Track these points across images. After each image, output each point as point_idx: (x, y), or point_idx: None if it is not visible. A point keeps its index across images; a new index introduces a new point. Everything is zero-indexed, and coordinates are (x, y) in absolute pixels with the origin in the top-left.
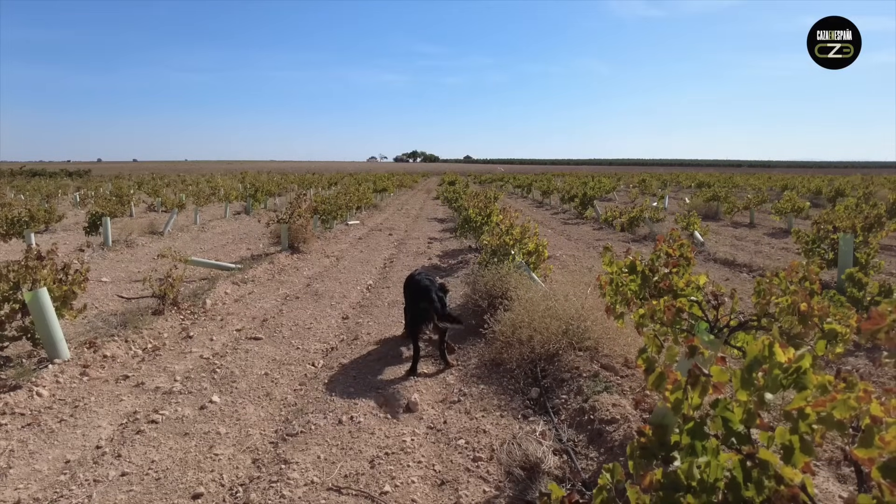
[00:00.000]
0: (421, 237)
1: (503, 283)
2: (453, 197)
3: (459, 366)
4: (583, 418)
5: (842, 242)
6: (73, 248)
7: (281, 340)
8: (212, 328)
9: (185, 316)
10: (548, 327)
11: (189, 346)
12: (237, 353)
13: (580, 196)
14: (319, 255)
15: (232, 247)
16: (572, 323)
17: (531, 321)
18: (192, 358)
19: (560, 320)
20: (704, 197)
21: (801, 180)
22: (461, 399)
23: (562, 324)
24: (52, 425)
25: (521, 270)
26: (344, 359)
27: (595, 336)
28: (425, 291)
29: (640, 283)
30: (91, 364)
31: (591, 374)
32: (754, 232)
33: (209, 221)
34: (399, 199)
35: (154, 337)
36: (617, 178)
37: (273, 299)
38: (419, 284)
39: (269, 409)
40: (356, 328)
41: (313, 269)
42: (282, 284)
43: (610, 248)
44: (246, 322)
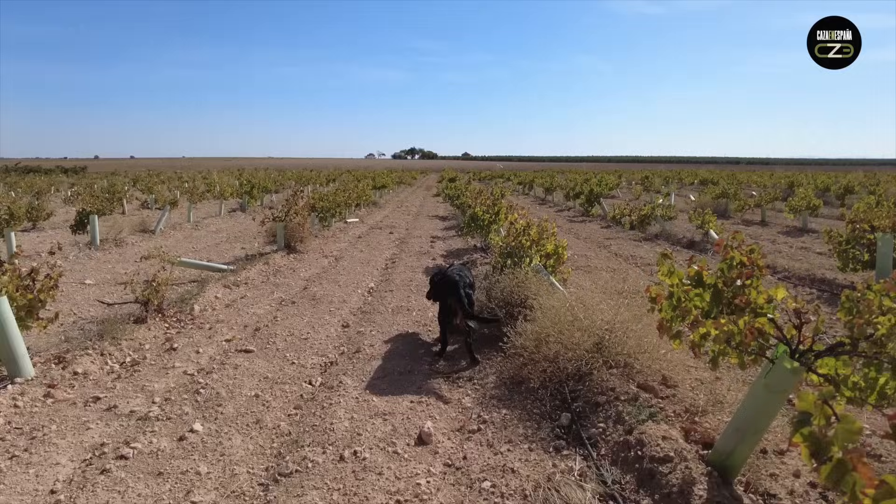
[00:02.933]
0: (423, 235)
1: (522, 290)
2: (455, 194)
3: (476, 384)
4: (628, 454)
5: (880, 243)
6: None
7: (274, 353)
8: (199, 338)
9: (170, 324)
10: (577, 342)
11: (172, 360)
12: (225, 370)
13: (586, 193)
14: (317, 254)
15: (226, 246)
16: (605, 336)
17: (558, 334)
18: (174, 374)
19: (590, 333)
20: (713, 194)
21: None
22: (481, 427)
23: (593, 337)
24: (1, 464)
25: (540, 275)
26: (345, 375)
27: (627, 350)
28: (453, 287)
29: (712, 299)
30: (58, 383)
31: (629, 397)
32: (768, 230)
33: (204, 219)
34: (399, 196)
35: (134, 349)
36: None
37: (267, 304)
38: (449, 279)
39: (259, 441)
40: (358, 338)
41: (311, 271)
42: (277, 287)
43: (670, 254)
44: (237, 331)
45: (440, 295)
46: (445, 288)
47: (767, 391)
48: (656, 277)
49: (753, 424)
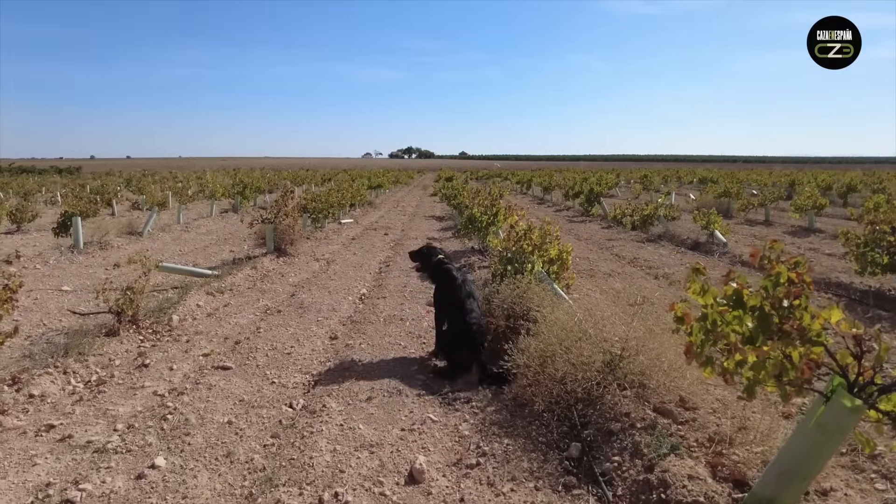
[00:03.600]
0: (419, 237)
1: (524, 301)
2: (452, 194)
3: (475, 406)
4: (650, 497)
5: None
6: (40, 251)
7: (254, 371)
8: (174, 352)
9: (145, 336)
10: (587, 360)
11: (142, 379)
12: (198, 390)
13: (586, 192)
14: (308, 257)
15: (214, 249)
16: (616, 354)
17: (565, 352)
18: (142, 396)
19: (602, 350)
20: (715, 193)
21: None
22: (481, 461)
23: (604, 354)
24: None
25: (544, 283)
26: (329, 397)
27: (640, 368)
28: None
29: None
30: (9, 408)
31: (646, 424)
32: (773, 230)
33: (194, 220)
34: (395, 195)
35: (102, 366)
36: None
37: (251, 313)
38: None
39: (229, 478)
40: (346, 352)
41: (300, 275)
42: (263, 294)
43: (702, 269)
44: (216, 344)
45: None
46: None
47: (821, 432)
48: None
49: (802, 469)
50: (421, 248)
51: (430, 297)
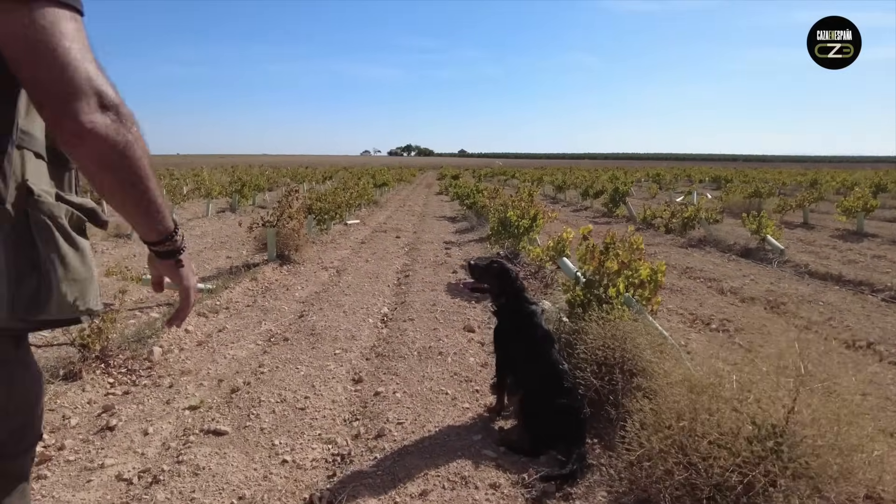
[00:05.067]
0: (435, 241)
1: (624, 345)
2: (465, 193)
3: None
4: None
5: None
6: None
7: (257, 439)
8: (152, 404)
9: (116, 379)
10: (735, 441)
11: (104, 452)
12: (179, 476)
13: (610, 192)
14: (315, 265)
15: (209, 254)
16: (778, 427)
17: (704, 429)
18: (99, 484)
19: (751, 422)
20: (744, 193)
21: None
22: None
23: (762, 430)
24: None
25: (640, 316)
26: (365, 487)
27: (806, 450)
28: (565, 376)
29: None
30: None
31: None
32: (817, 234)
33: (189, 221)
34: (399, 194)
35: (52, 429)
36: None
37: (252, 342)
38: (559, 361)
39: None
40: (377, 405)
41: (308, 288)
42: (265, 314)
43: None
44: (207, 391)
45: (530, 358)
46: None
47: None
48: (732, 298)
49: None
50: (491, 262)
51: (468, 318)
